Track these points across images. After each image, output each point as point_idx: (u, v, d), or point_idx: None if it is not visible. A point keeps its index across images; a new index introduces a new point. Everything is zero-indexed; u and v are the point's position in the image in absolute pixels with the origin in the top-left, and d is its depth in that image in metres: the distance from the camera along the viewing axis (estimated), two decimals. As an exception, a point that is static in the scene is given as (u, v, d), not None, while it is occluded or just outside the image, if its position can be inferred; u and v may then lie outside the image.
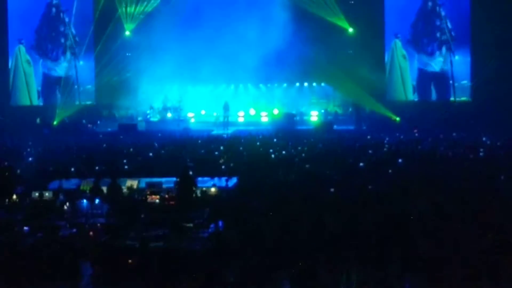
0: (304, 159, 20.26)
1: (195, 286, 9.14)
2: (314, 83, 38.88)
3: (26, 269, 9.56)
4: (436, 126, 30.78)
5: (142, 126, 35.57)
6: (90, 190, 15.27)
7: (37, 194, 14.57)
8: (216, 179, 16.40)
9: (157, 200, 14.48)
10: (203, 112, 38.27)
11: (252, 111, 38.14)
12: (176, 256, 10.00)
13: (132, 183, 15.92)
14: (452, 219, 11.05)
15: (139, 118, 37.11)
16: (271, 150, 22.35)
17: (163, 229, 11.59)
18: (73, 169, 18.54)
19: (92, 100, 38.15)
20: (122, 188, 15.48)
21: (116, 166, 19.25)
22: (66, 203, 13.66)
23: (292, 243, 10.09)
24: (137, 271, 9.59)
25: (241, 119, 37.63)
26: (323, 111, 37.88)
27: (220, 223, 11.73)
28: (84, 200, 13.63)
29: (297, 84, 38.93)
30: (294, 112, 36.89)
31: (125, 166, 19.39)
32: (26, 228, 11.76)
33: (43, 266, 9.65)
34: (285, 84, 38.94)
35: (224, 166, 18.98)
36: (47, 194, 14.66)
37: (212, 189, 15.29)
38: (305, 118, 37.49)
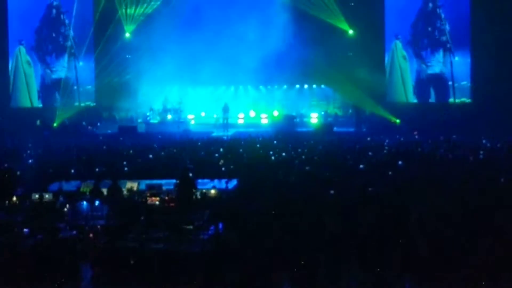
0: (304, 161, 20.26)
1: (195, 288, 9.16)
2: (314, 85, 38.83)
3: (26, 270, 9.57)
4: (436, 128, 30.76)
5: (142, 128, 35.53)
6: (90, 192, 15.28)
7: (37, 196, 14.55)
8: (216, 181, 16.40)
9: (157, 202, 14.46)
10: (203, 114, 38.26)
11: (252, 113, 38.11)
12: (176, 258, 10.01)
13: (132, 185, 15.92)
14: (452, 221, 11.05)
15: (139, 120, 37.10)
16: (271, 152, 22.34)
17: (163, 231, 11.58)
18: (73, 170, 18.55)
19: (92, 101, 38.09)
20: (122, 190, 15.48)
21: (116, 168, 19.25)
22: (66, 205, 13.67)
23: (292, 245, 10.10)
24: (137, 273, 9.59)
25: (241, 121, 37.58)
26: (323, 113, 37.89)
27: (220, 225, 11.73)
28: (84, 202, 13.61)
29: (297, 86, 38.90)
30: (294, 114, 36.83)
31: (125, 168, 19.37)
32: (26, 230, 11.75)
33: (43, 267, 9.65)
34: (285, 86, 38.91)
35: (224, 168, 18.97)
36: (47, 196, 14.64)
37: (212, 191, 15.30)
38: (305, 120, 37.46)
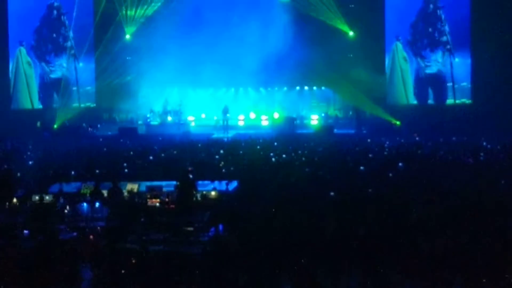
0: (304, 162, 20.24)
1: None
2: (315, 87, 38.85)
3: (26, 272, 9.56)
4: (436, 129, 30.75)
5: (142, 129, 35.57)
6: (91, 193, 15.28)
7: (37, 198, 14.54)
8: (216, 182, 16.38)
9: (157, 204, 14.46)
10: (204, 115, 38.30)
11: (253, 115, 38.13)
12: (176, 259, 10.00)
13: (133, 186, 15.91)
14: (452, 223, 11.05)
15: (140, 122, 37.13)
16: (271, 154, 22.33)
17: (163, 232, 11.59)
18: (73, 172, 18.55)
19: (92, 102, 38.09)
20: (123, 192, 15.48)
21: (117, 169, 19.24)
22: (67, 207, 13.69)
23: (292, 247, 10.09)
24: (137, 275, 9.59)
25: (241, 123, 37.61)
26: (323, 114, 37.90)
27: (220, 226, 11.74)
28: (85, 204, 13.64)
29: (297, 87, 38.94)
30: (295, 115, 36.81)
31: (125, 170, 19.37)
32: (26, 231, 11.77)
33: (43, 269, 9.64)
34: (285, 88, 38.94)
35: (224, 170, 18.97)
36: (47, 198, 14.64)
37: (212, 192, 15.29)
38: (305, 121, 37.53)
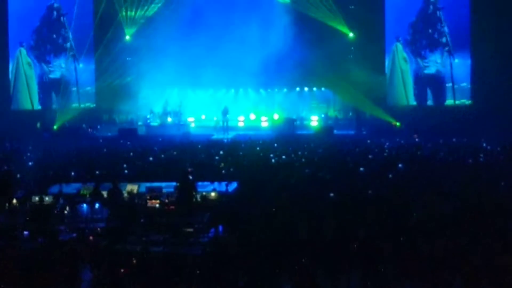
0: (304, 163, 20.24)
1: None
2: (314, 88, 38.87)
3: (26, 273, 9.55)
4: (436, 130, 30.74)
5: (142, 130, 35.59)
6: (90, 194, 15.27)
7: (37, 199, 14.55)
8: (216, 183, 16.37)
9: (157, 205, 14.44)
10: (203, 116, 38.31)
11: (252, 116, 38.15)
12: (176, 260, 9.99)
13: (132, 187, 15.90)
14: (451, 224, 11.05)
15: (139, 123, 37.13)
16: (271, 155, 22.33)
17: (163, 233, 11.58)
18: (73, 173, 18.55)
19: (92, 103, 38.07)
20: (122, 193, 15.47)
21: (116, 170, 19.24)
22: (66, 208, 13.67)
23: (292, 248, 10.09)
24: (137, 276, 9.58)
25: (241, 124, 37.62)
26: (323, 115, 37.90)
27: (220, 228, 11.73)
28: (84, 205, 13.62)
29: (297, 88, 38.95)
30: (294, 117, 36.85)
31: (125, 171, 19.37)
32: (26, 232, 11.76)
33: (43, 270, 9.64)
34: (285, 89, 38.95)
35: (224, 171, 18.97)
36: (47, 199, 14.64)
37: (212, 193, 15.29)
38: (305, 122, 37.54)
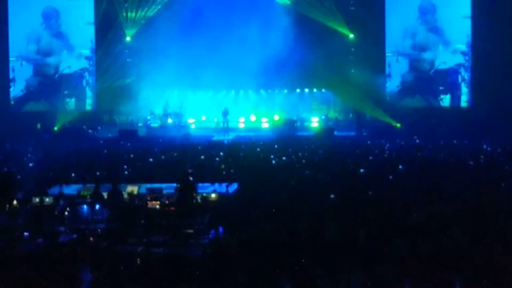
0: (305, 165, 20.26)
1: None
2: (315, 89, 38.87)
3: (26, 274, 9.55)
4: (436, 132, 30.74)
5: (142, 131, 35.57)
6: (91, 195, 15.26)
7: (37, 200, 14.53)
8: (216, 185, 16.39)
9: (157, 206, 14.43)
10: (204, 118, 38.32)
11: (253, 117, 38.16)
12: (176, 262, 9.99)
13: (133, 188, 15.89)
14: (452, 225, 11.05)
15: (140, 124, 37.10)
16: (271, 156, 22.35)
17: (163, 235, 11.57)
18: (73, 174, 18.55)
19: (92, 104, 38.08)
20: (123, 194, 15.47)
21: (117, 171, 19.26)
22: (67, 209, 13.65)
23: (292, 249, 10.08)
24: (137, 277, 9.58)
25: (241, 125, 37.64)
26: (323, 117, 37.89)
27: (220, 229, 11.73)
28: (85, 206, 13.61)
29: (297, 90, 38.95)
30: (295, 118, 36.82)
31: (125, 172, 19.39)
32: (26, 233, 11.74)
33: (43, 271, 9.63)
34: (285, 90, 38.95)
35: (224, 172, 18.99)
36: (47, 200, 14.62)
37: (213, 195, 15.28)
38: (305, 124, 37.53)
